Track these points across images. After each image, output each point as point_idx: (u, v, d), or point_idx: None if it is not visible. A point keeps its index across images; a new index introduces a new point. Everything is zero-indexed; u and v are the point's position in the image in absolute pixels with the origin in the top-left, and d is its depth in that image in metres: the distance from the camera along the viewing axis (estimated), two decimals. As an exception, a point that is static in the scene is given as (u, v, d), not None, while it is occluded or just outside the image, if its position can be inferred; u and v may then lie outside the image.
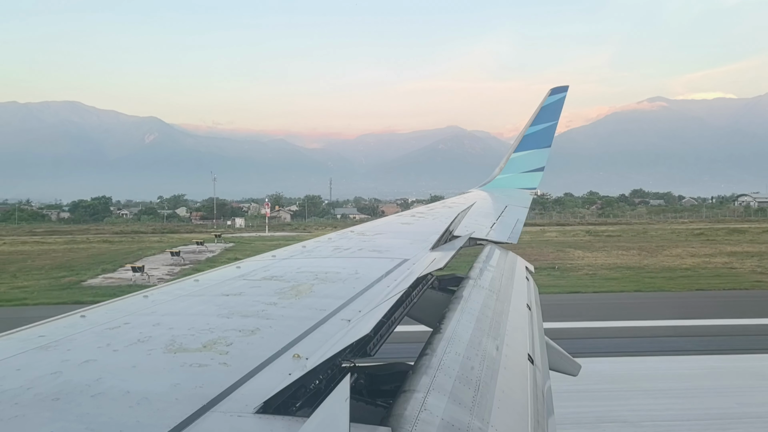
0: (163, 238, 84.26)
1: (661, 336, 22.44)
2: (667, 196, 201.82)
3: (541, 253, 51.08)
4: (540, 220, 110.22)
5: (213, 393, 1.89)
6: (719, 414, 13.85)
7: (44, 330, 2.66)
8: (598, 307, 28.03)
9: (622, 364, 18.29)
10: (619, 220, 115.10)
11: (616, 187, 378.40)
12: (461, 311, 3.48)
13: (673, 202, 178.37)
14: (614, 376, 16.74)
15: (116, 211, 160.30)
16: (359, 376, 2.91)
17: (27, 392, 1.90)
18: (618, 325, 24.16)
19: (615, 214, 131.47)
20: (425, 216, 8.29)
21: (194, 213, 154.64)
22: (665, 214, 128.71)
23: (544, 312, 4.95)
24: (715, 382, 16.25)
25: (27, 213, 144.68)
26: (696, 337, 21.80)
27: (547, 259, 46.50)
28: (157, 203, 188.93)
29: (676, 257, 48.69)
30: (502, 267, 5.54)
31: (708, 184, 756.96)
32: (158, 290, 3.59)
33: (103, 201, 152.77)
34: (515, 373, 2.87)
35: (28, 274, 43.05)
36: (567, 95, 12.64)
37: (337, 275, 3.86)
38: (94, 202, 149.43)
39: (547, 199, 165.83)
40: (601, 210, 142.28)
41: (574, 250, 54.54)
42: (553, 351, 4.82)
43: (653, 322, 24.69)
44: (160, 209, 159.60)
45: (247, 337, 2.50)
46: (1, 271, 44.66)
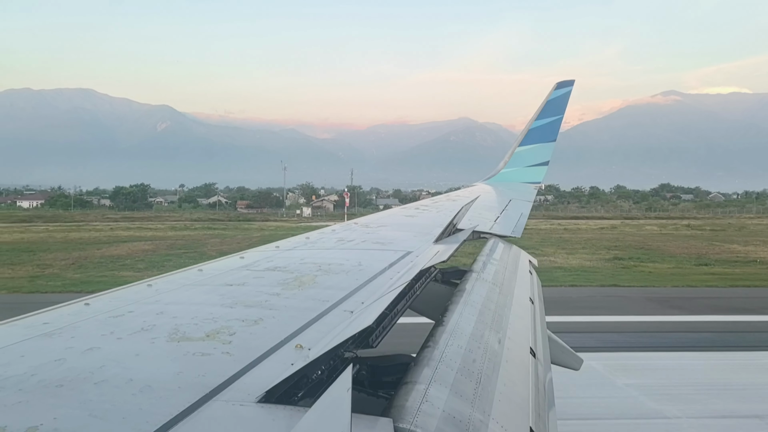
0: (251, 225, 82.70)
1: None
2: (696, 190, 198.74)
3: (711, 248, 49.06)
4: (588, 213, 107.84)
5: (216, 382, 1.89)
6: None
7: (48, 317, 2.69)
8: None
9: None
10: (669, 214, 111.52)
11: (629, 180, 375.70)
12: (464, 304, 3.47)
13: (702, 197, 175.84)
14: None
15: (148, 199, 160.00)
16: (361, 367, 2.91)
17: (31, 379, 1.91)
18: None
19: (660, 208, 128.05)
20: (429, 209, 8.26)
21: (239, 202, 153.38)
22: (713, 209, 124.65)
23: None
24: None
25: (74, 200, 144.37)
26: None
27: (730, 254, 44.93)
28: (187, 192, 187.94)
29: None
30: (506, 260, 5.51)
31: (722, 179, 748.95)
32: (162, 279, 3.59)
33: (141, 188, 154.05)
34: (517, 367, 2.87)
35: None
36: (579, 88, 12.58)
37: (340, 267, 3.86)
38: (133, 189, 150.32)
39: (583, 192, 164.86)
40: (639, 204, 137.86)
41: (729, 245, 51.48)
42: (555, 345, 4.82)
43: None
44: (191, 198, 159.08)
45: (250, 326, 2.51)
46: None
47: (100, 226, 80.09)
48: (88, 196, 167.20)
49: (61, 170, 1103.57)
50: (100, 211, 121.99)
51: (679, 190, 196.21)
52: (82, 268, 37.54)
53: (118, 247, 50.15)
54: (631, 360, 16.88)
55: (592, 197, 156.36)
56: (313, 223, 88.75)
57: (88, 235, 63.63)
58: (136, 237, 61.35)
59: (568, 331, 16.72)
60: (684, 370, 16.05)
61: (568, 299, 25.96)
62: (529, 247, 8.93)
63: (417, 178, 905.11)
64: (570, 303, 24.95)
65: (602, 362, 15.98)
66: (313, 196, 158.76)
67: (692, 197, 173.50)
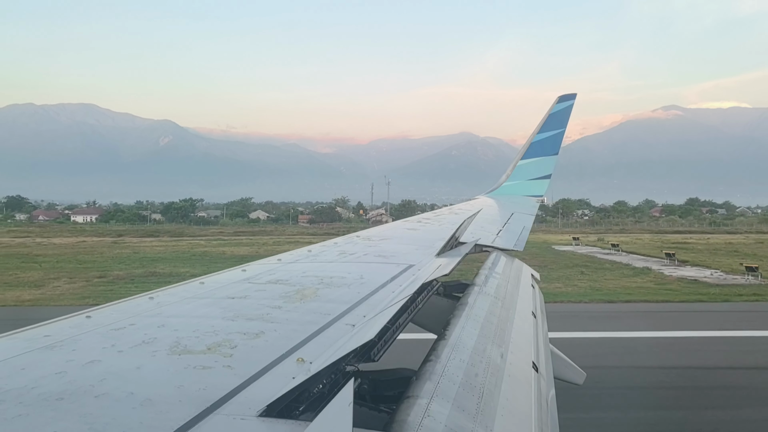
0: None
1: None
2: (727, 204, 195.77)
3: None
4: (633, 228, 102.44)
5: (217, 395, 1.89)
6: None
7: (49, 330, 2.68)
8: None
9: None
10: (737, 228, 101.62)
11: (631, 195, 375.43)
12: (466, 318, 3.46)
13: (732, 211, 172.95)
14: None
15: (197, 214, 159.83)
16: (363, 381, 2.90)
17: (31, 391, 1.91)
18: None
19: (712, 221, 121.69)
20: (431, 222, 8.25)
21: (300, 216, 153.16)
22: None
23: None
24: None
25: (129, 215, 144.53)
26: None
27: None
28: (225, 206, 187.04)
29: None
30: (508, 274, 5.50)
31: (723, 193, 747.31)
32: (164, 292, 3.59)
33: (190, 203, 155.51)
34: (519, 381, 2.85)
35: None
36: (580, 103, 12.60)
37: (342, 280, 3.85)
38: (184, 204, 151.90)
39: (626, 206, 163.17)
40: (685, 218, 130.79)
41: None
42: (557, 359, 4.79)
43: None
44: (232, 212, 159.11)
45: (251, 340, 2.50)
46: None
47: (231, 240, 72.70)
48: (138, 210, 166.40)
49: (64, 184, 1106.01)
50: (151, 225, 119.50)
51: (708, 204, 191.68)
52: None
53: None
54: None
55: (637, 210, 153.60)
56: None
57: (254, 250, 55.18)
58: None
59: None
60: None
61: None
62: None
63: (419, 193, 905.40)
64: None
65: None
66: (361, 210, 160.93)
67: (723, 211, 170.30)
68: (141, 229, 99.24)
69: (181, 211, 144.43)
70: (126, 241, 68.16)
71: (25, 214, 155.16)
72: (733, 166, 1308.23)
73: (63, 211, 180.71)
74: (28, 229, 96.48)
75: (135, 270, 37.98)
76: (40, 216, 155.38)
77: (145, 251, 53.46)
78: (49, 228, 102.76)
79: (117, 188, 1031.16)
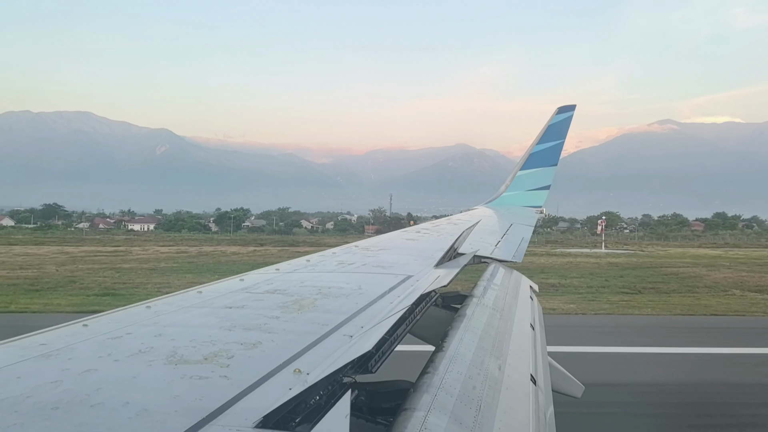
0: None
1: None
2: (754, 219, 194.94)
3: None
4: (685, 242, 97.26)
5: (213, 406, 1.87)
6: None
7: (45, 338, 2.66)
8: None
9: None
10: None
11: (627, 208, 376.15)
12: (464, 329, 3.45)
13: (761, 225, 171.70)
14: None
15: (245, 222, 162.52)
16: (360, 392, 2.88)
17: (26, 400, 1.89)
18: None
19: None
20: (430, 232, 8.23)
21: (367, 226, 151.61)
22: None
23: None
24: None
25: (191, 223, 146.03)
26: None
27: None
28: (273, 214, 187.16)
29: None
30: (506, 286, 5.49)
31: (719, 207, 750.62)
32: (161, 301, 3.56)
33: (242, 212, 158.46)
34: (517, 394, 2.84)
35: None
36: (576, 115, 12.65)
37: (340, 290, 3.83)
38: (237, 213, 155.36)
39: (652, 219, 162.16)
40: (727, 233, 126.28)
41: None
42: (556, 372, 4.77)
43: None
44: (272, 221, 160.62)
45: (248, 350, 2.49)
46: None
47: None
48: (193, 218, 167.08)
49: (61, 192, 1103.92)
50: (215, 234, 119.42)
51: (736, 219, 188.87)
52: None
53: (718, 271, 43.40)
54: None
55: (660, 224, 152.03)
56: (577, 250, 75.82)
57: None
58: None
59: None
60: None
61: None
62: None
63: (416, 203, 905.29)
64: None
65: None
66: (411, 222, 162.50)
67: (756, 227, 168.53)
68: (266, 238, 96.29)
69: (234, 220, 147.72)
70: (269, 251, 63.02)
71: (60, 221, 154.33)
72: (729, 180, 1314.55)
73: (119, 219, 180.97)
74: (114, 238, 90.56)
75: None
76: (100, 224, 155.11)
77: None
78: (144, 236, 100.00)
79: (114, 196, 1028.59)
